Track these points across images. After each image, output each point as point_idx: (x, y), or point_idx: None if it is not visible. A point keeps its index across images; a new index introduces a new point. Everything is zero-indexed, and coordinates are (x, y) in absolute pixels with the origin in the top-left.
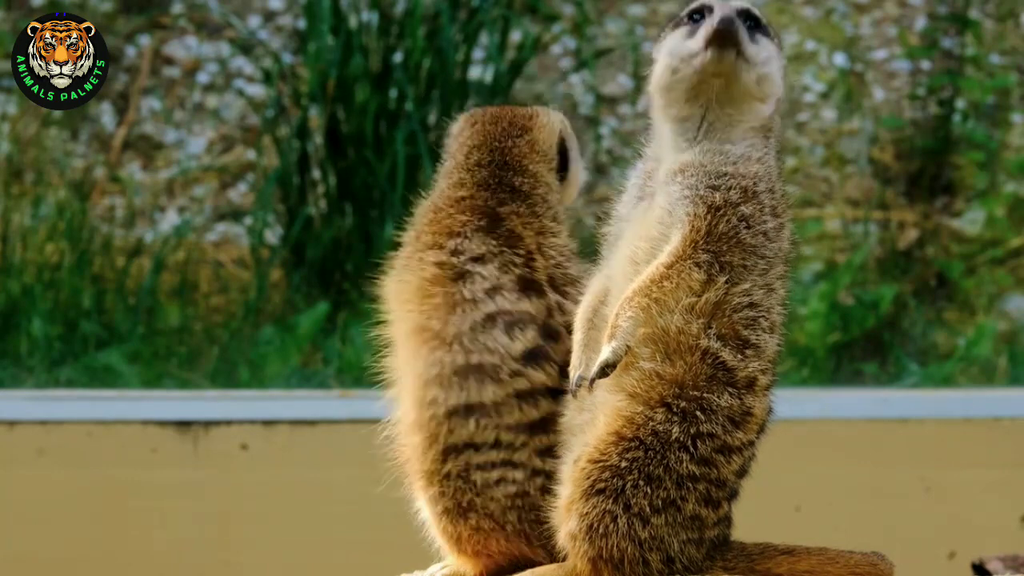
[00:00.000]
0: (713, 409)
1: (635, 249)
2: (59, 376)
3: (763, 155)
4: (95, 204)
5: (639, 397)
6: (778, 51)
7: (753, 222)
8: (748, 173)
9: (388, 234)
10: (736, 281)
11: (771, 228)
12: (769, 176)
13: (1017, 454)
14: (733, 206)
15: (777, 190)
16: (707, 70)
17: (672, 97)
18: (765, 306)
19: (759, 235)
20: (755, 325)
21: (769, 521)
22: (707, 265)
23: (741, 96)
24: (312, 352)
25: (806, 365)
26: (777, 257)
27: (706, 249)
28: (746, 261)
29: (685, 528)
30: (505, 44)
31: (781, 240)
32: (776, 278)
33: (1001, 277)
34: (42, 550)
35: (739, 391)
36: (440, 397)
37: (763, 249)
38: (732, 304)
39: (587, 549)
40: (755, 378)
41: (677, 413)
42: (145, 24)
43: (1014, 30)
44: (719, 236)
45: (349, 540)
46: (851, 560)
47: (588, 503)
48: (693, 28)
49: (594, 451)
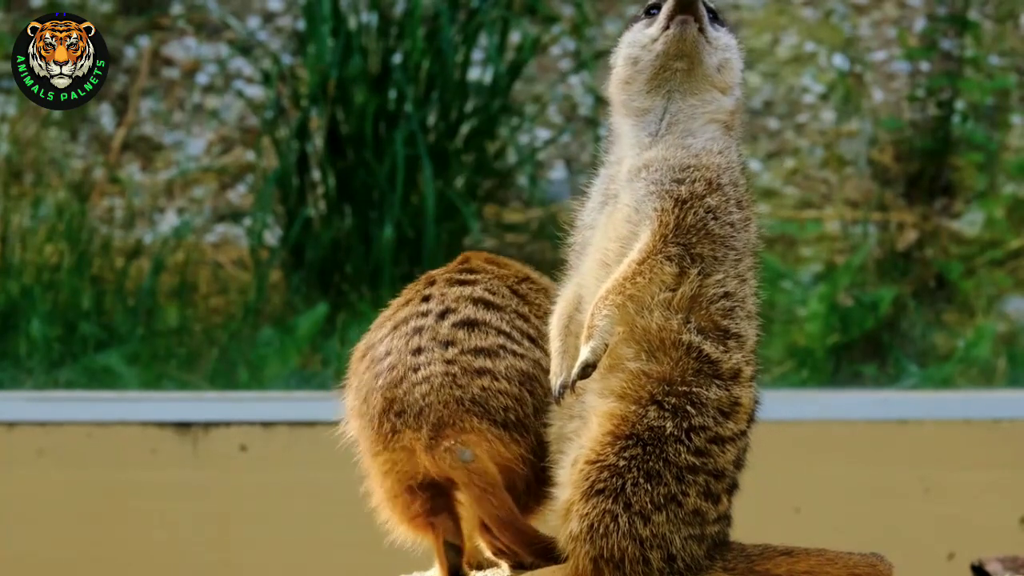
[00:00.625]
0: (703, 402)
1: (605, 251)
2: (58, 377)
3: (724, 148)
4: (94, 205)
5: (629, 397)
6: (736, 45)
7: (720, 213)
8: (711, 165)
9: (387, 235)
10: (709, 272)
11: (737, 219)
12: (732, 169)
13: (1016, 455)
14: (699, 198)
15: (740, 183)
16: (669, 51)
17: (633, 89)
18: (740, 296)
19: (726, 226)
20: (733, 315)
21: (769, 522)
22: (678, 258)
23: (702, 81)
24: (311, 353)
25: (806, 366)
26: (746, 248)
27: (676, 242)
28: (716, 252)
29: (686, 524)
30: (504, 45)
31: (748, 232)
32: (747, 269)
33: (1000, 278)
34: (42, 551)
35: (725, 382)
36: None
37: (732, 240)
38: (708, 296)
39: (588, 550)
40: (739, 369)
41: (668, 409)
42: (144, 25)
43: (1013, 31)
44: (688, 228)
45: (348, 541)
46: (850, 561)
47: (588, 504)
48: (651, 18)
49: (591, 452)
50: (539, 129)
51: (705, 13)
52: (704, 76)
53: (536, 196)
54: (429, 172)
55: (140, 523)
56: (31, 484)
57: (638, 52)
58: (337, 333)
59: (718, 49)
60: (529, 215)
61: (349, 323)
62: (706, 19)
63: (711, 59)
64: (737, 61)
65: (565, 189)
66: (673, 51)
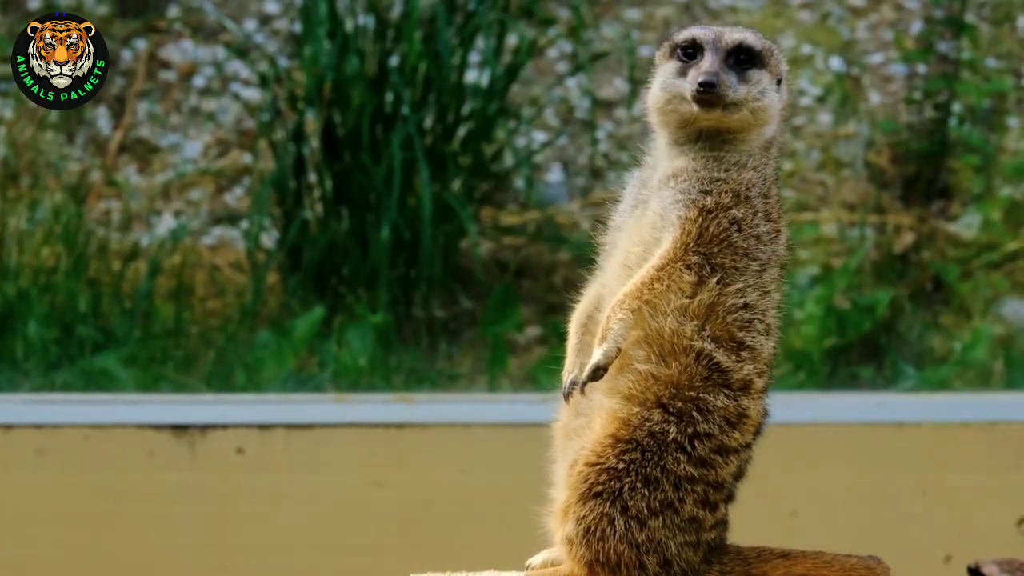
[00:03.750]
0: (709, 409)
1: (628, 254)
2: (55, 380)
3: (759, 163)
4: (91, 208)
5: (635, 399)
6: (772, 79)
7: (745, 225)
8: (741, 179)
9: (384, 237)
10: (728, 283)
11: (764, 232)
12: (763, 182)
13: (1013, 458)
14: (724, 209)
15: (772, 195)
16: (698, 117)
17: (665, 121)
18: (760, 308)
19: (751, 238)
20: (750, 327)
21: (765, 525)
22: (698, 267)
23: (734, 130)
24: (308, 356)
25: (802, 369)
26: (771, 261)
27: (696, 251)
28: (738, 263)
29: (682, 530)
30: (501, 48)
31: (776, 245)
32: (771, 281)
33: (997, 281)
34: (38, 554)
35: (735, 392)
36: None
37: (756, 252)
38: (726, 306)
39: (583, 553)
40: (751, 380)
41: (673, 413)
42: (141, 28)
43: (1010, 34)
44: (710, 238)
45: (345, 544)
46: (847, 564)
47: (585, 506)
48: (683, 67)
49: (591, 454)
50: (536, 132)
51: (731, 86)
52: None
53: (533, 198)
54: (426, 174)
55: (137, 525)
56: (27, 487)
57: (670, 97)
58: (334, 336)
59: (747, 104)
60: (526, 217)
61: (346, 325)
62: (730, 94)
63: (738, 117)
64: (773, 100)
65: (562, 192)
66: (701, 118)
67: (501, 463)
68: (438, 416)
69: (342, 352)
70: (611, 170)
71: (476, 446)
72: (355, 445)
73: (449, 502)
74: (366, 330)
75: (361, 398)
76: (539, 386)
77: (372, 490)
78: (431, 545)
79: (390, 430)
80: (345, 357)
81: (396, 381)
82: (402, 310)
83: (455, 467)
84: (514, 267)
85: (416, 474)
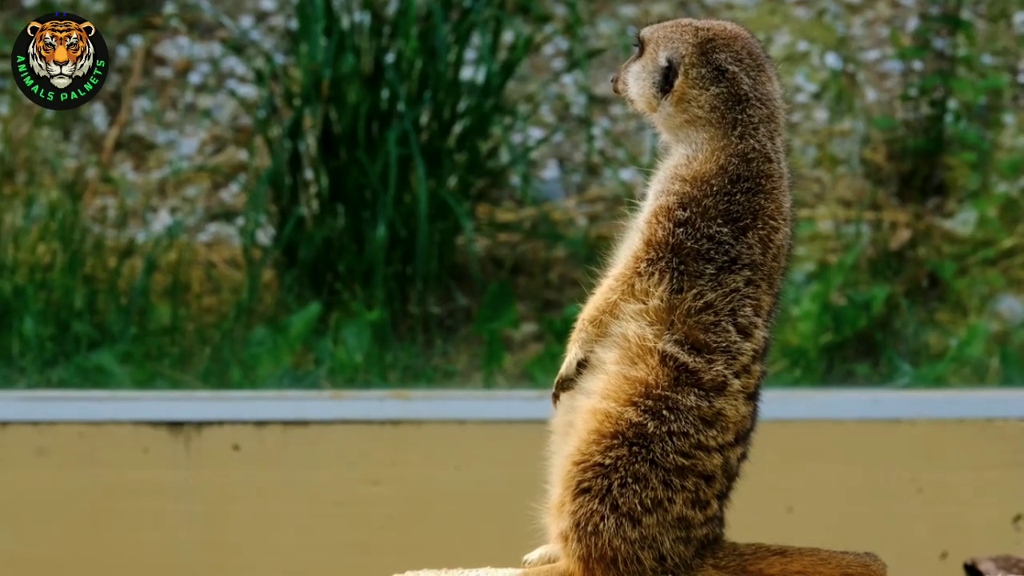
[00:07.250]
0: (680, 409)
1: (616, 256)
2: (51, 377)
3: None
4: (87, 204)
5: (611, 397)
6: (646, 64)
7: (692, 227)
8: (690, 177)
9: (380, 234)
10: (681, 286)
11: (719, 232)
12: (719, 177)
13: (1009, 454)
14: (668, 212)
15: (735, 193)
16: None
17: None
18: (725, 309)
19: (702, 239)
20: (716, 328)
21: (761, 522)
22: (648, 274)
23: (653, 124)
24: (304, 353)
25: (798, 366)
26: (737, 261)
27: (646, 258)
28: (689, 266)
29: (673, 527)
30: (497, 44)
31: (742, 244)
32: (743, 283)
33: (993, 278)
34: (33, 550)
35: (707, 393)
36: None
37: (710, 253)
38: (684, 308)
39: (579, 549)
40: (725, 381)
41: (646, 411)
42: (137, 25)
43: (1006, 31)
44: (657, 244)
45: (341, 540)
46: (843, 561)
47: (575, 503)
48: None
49: (576, 452)
50: (532, 128)
51: (620, 82)
52: (641, 111)
53: (529, 195)
54: (422, 171)
55: (132, 522)
56: (23, 484)
57: None
58: (330, 332)
59: (623, 92)
60: (522, 214)
61: (342, 322)
62: (620, 84)
63: (633, 107)
64: (642, 85)
65: (558, 188)
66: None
67: (497, 460)
68: (434, 413)
69: (338, 349)
70: (607, 167)
71: (472, 443)
72: (351, 442)
73: (445, 499)
74: (362, 327)
75: (357, 395)
76: (535, 383)
77: (368, 487)
78: (427, 542)
79: (386, 427)
80: (341, 354)
81: (392, 378)
82: (398, 307)
83: (451, 464)
84: (510, 264)
85: (412, 471)
